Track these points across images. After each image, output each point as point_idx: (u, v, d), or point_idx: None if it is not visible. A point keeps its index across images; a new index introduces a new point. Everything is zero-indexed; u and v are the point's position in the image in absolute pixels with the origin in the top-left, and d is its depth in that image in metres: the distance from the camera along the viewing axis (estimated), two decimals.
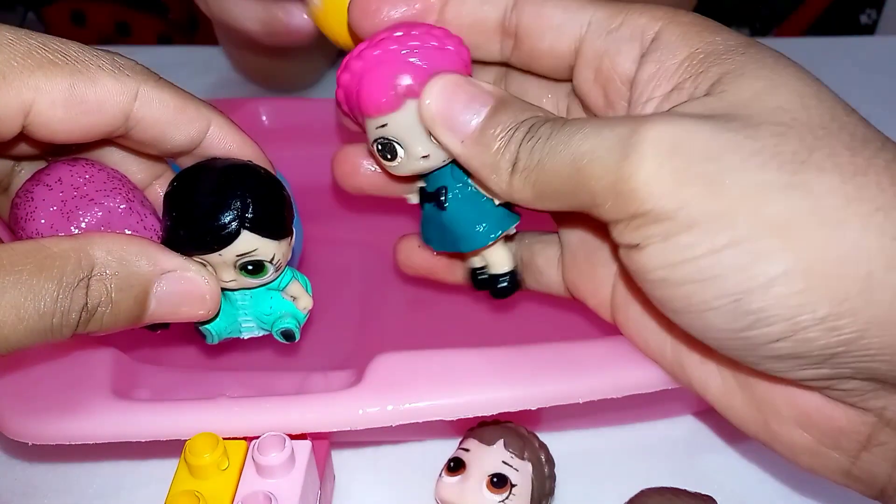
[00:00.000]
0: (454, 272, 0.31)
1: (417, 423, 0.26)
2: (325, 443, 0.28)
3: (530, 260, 0.31)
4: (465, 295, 0.37)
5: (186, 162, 0.25)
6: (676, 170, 0.20)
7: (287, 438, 0.26)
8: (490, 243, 0.27)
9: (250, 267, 0.24)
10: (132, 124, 0.23)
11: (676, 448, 0.32)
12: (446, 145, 0.24)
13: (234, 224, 0.23)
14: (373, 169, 0.30)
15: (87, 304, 0.21)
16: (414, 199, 0.29)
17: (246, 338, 0.27)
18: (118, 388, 0.27)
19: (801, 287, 0.19)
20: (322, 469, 0.28)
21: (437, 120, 0.24)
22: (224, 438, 0.26)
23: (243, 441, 0.26)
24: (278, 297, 0.26)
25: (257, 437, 0.26)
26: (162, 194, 0.25)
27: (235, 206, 0.23)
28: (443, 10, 0.26)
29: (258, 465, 0.25)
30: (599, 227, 0.27)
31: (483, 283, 0.30)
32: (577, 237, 0.29)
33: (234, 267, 0.24)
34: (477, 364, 0.27)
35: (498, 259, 0.29)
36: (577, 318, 0.34)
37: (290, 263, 0.32)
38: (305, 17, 0.34)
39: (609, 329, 0.29)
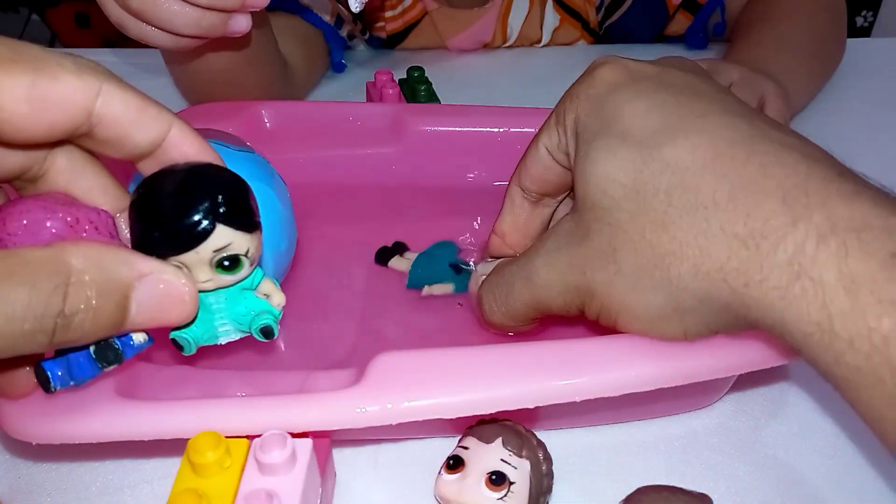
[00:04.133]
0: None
1: (417, 421, 0.27)
2: (327, 441, 0.28)
3: None
4: (464, 295, 0.38)
5: (149, 169, 0.25)
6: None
7: (289, 437, 0.26)
8: None
9: (227, 263, 0.24)
10: (95, 122, 0.23)
11: (673, 446, 0.32)
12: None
13: (209, 218, 0.24)
14: None
15: (63, 310, 0.21)
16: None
17: (223, 343, 0.27)
18: (122, 387, 0.28)
19: None
20: (323, 467, 0.28)
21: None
22: (226, 437, 0.26)
23: (245, 439, 0.27)
24: (252, 295, 0.26)
25: (259, 436, 0.26)
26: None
27: (208, 202, 0.24)
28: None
29: (260, 463, 0.25)
30: None
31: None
32: None
33: (211, 265, 0.24)
34: (476, 363, 0.28)
35: None
36: (576, 317, 0.34)
37: (280, 269, 0.33)
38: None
39: (607, 328, 0.29)
